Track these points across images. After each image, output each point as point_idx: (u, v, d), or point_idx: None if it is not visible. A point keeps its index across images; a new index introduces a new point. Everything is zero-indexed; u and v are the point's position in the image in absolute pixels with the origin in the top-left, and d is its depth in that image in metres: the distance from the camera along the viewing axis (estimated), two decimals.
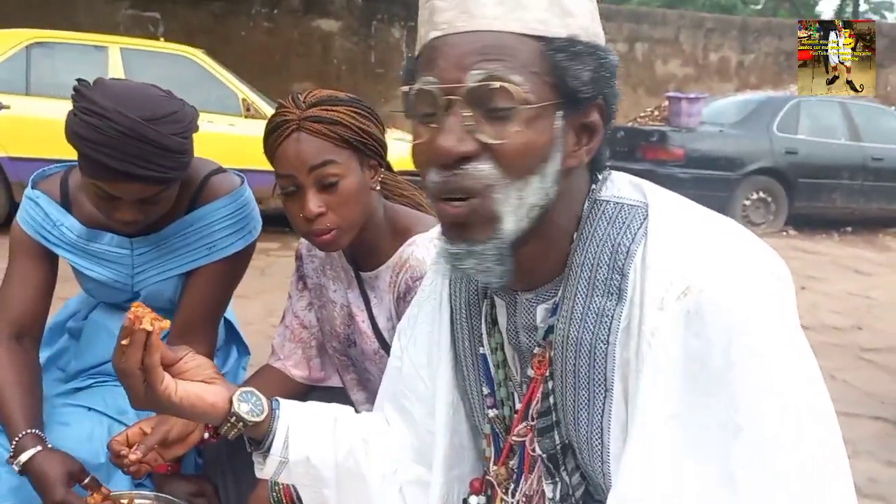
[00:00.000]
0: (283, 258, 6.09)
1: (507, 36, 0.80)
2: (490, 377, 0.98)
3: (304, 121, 1.29)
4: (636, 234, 0.84)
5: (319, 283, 1.55)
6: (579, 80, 0.81)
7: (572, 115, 0.83)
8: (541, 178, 0.81)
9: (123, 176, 1.31)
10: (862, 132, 8.91)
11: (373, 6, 11.26)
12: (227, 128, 6.25)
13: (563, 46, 0.80)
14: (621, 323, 0.83)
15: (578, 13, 0.82)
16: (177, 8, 9.93)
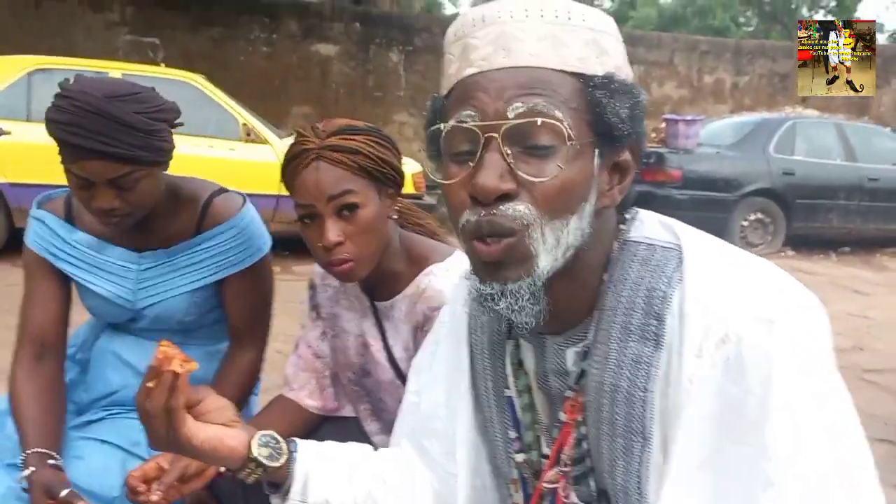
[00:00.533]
0: (285, 282, 6.05)
1: (547, 72, 0.80)
2: (517, 420, 0.96)
3: (324, 150, 1.29)
4: (671, 278, 0.83)
5: (333, 313, 1.55)
6: (618, 118, 0.80)
7: (608, 154, 0.83)
8: (579, 217, 0.81)
9: (88, 153, 1.34)
10: (857, 153, 8.96)
11: (371, 31, 11.35)
12: (227, 152, 6.28)
13: (602, 84, 0.80)
14: (660, 370, 0.81)
15: (614, 53, 0.83)
16: (176, 33, 10.00)
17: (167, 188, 1.54)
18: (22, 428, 1.43)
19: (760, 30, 27.55)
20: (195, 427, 0.93)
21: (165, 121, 1.44)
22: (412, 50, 11.56)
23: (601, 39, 0.82)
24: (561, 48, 0.80)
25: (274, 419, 1.53)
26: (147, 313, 1.58)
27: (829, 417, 0.76)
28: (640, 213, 0.91)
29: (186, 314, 1.59)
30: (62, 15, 9.97)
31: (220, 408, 0.97)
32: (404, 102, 11.53)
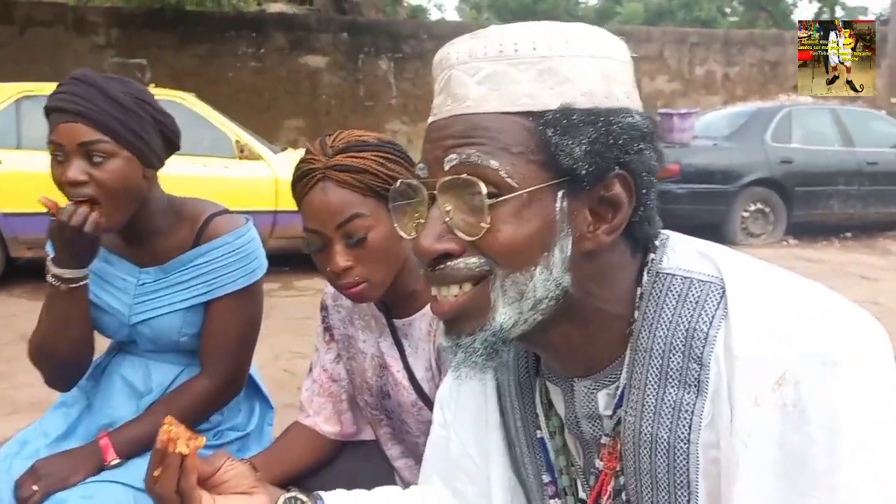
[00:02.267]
0: (285, 298, 6.04)
1: (488, 116, 0.72)
2: (550, 463, 0.90)
3: (330, 169, 1.23)
4: (713, 317, 0.75)
5: (347, 334, 1.48)
6: (571, 157, 0.71)
7: (581, 193, 0.73)
8: (544, 268, 0.73)
9: (65, 115, 1.38)
10: (854, 137, 8.93)
11: (359, 40, 11.32)
12: (221, 170, 6.21)
13: (554, 119, 0.72)
14: (703, 419, 0.74)
15: (579, 78, 0.73)
16: (162, 53, 9.96)
17: (170, 206, 1.56)
18: None
19: (746, 19, 27.59)
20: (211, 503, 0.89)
21: (155, 119, 1.46)
22: (401, 57, 11.53)
23: (559, 67, 0.73)
24: (506, 87, 0.73)
25: (291, 448, 1.48)
26: (142, 330, 1.56)
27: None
28: (671, 240, 0.82)
29: (180, 334, 1.56)
30: (48, 41, 9.93)
31: (237, 475, 0.92)
32: (396, 110, 11.50)
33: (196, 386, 1.56)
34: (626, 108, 0.74)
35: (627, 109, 0.74)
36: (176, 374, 1.60)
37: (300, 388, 3.99)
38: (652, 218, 0.78)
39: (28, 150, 6.00)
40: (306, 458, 1.49)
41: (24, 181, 5.88)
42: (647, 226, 0.78)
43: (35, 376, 4.17)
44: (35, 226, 5.97)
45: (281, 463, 1.45)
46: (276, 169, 6.49)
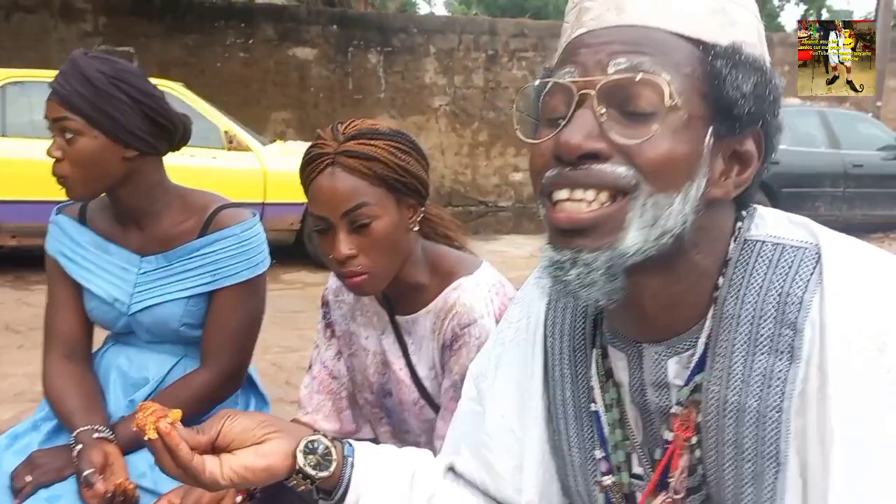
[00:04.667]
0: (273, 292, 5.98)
1: (661, 33, 0.71)
2: (603, 438, 0.86)
3: (340, 155, 1.23)
4: (808, 282, 0.72)
5: (349, 331, 1.47)
6: (739, 92, 0.71)
7: (725, 138, 0.73)
8: (683, 198, 0.71)
9: (49, 93, 1.44)
10: (841, 139, 9.01)
11: (348, 33, 11.25)
12: (209, 161, 6.16)
13: (725, 53, 0.71)
14: (797, 387, 0.71)
15: (743, 26, 0.75)
16: (150, 42, 9.85)
17: (176, 194, 1.57)
18: (64, 413, 1.48)
19: None
20: (217, 467, 0.85)
21: (135, 100, 1.44)
22: (391, 51, 11.47)
23: (731, 9, 0.73)
24: (681, 10, 0.72)
25: None
26: (141, 319, 1.55)
27: None
28: (762, 210, 0.81)
29: (180, 323, 1.55)
30: (34, 27, 9.79)
31: (244, 429, 0.88)
32: (385, 104, 11.45)
33: (196, 379, 1.55)
34: (771, 71, 0.75)
35: (773, 73, 0.75)
36: (172, 364, 1.59)
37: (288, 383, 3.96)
38: (754, 187, 0.78)
39: (13, 137, 5.93)
40: None
41: (9, 168, 5.81)
42: (754, 189, 0.78)
43: (19, 366, 4.13)
44: (20, 214, 5.91)
45: None
46: (264, 160, 6.46)
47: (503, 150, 11.91)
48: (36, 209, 5.79)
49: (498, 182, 11.88)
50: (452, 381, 1.27)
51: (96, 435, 1.40)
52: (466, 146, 11.77)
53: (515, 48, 11.96)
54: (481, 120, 11.82)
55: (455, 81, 11.77)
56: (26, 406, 3.36)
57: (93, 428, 1.41)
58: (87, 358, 1.63)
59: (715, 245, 0.77)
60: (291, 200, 6.46)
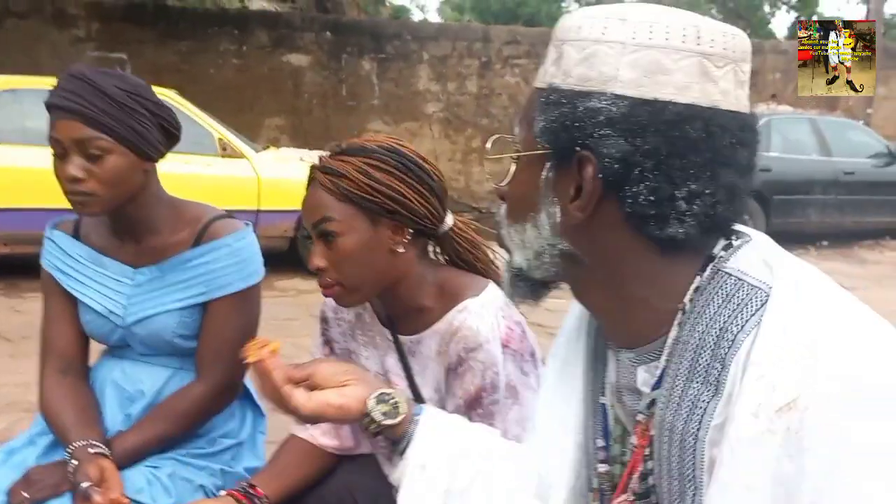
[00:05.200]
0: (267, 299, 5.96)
1: (533, 91, 0.84)
2: (607, 430, 0.91)
3: (317, 170, 1.29)
4: (747, 323, 0.74)
5: (348, 349, 1.46)
6: (534, 131, 0.80)
7: (567, 169, 0.78)
8: (533, 226, 0.83)
9: (62, 112, 1.40)
10: (832, 147, 9.06)
11: (342, 39, 11.26)
12: (203, 168, 6.14)
13: (540, 96, 0.81)
14: (714, 419, 0.74)
15: (570, 59, 0.79)
16: (143, 48, 9.83)
17: (171, 205, 1.57)
18: (60, 429, 1.47)
19: None
20: (304, 399, 1.01)
21: (152, 113, 1.47)
22: (384, 57, 11.48)
23: (566, 50, 0.80)
24: (544, 64, 0.83)
25: (289, 463, 1.46)
26: (136, 331, 1.55)
27: None
28: (750, 243, 0.81)
29: (175, 335, 1.54)
30: (26, 33, 9.76)
31: (333, 373, 1.03)
32: (378, 110, 11.45)
33: (192, 392, 1.54)
34: (603, 92, 0.75)
35: (603, 94, 0.75)
36: (167, 376, 1.58)
37: None
38: (660, 219, 0.76)
39: (5, 144, 5.89)
40: (305, 472, 1.46)
41: (2, 176, 5.78)
42: (653, 224, 0.76)
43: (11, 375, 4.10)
44: (12, 221, 5.88)
45: (282, 479, 1.43)
46: (258, 168, 6.44)
47: None
48: (28, 217, 5.76)
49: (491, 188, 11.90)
50: (456, 406, 1.26)
51: (92, 450, 1.39)
52: (460, 152, 11.79)
53: (508, 55, 11.99)
54: (474, 126, 11.84)
55: (448, 88, 11.79)
56: (18, 416, 3.33)
57: (88, 443, 1.40)
58: (83, 373, 1.62)
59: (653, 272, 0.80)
60: (285, 207, 6.44)
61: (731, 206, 0.78)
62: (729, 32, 0.78)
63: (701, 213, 0.76)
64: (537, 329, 1.41)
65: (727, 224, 0.80)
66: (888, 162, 9.26)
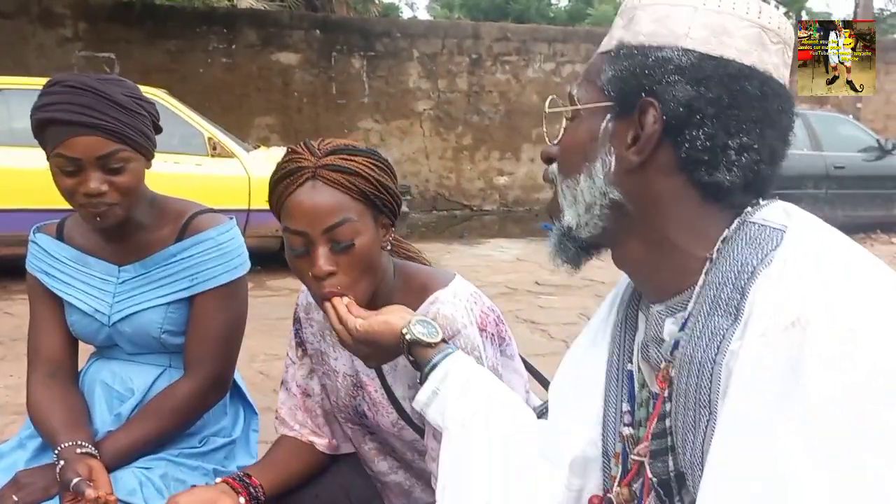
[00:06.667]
0: (258, 299, 5.93)
1: (597, 56, 0.90)
2: (633, 394, 0.95)
3: (321, 168, 1.18)
4: (766, 256, 0.80)
5: (319, 350, 1.43)
6: (601, 81, 0.86)
7: (626, 117, 0.85)
8: (587, 177, 0.87)
9: (78, 128, 1.37)
10: (822, 141, 9.08)
11: (332, 37, 11.22)
12: (193, 168, 6.10)
13: (609, 53, 0.88)
14: (732, 344, 0.78)
15: (641, 22, 0.86)
16: (132, 48, 9.78)
17: (155, 203, 1.57)
18: (48, 432, 1.46)
19: None
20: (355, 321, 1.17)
21: (148, 113, 1.48)
22: (374, 55, 11.45)
23: (634, 13, 0.87)
24: (612, 32, 0.89)
25: (282, 459, 1.44)
26: (123, 329, 1.54)
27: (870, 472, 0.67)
28: (775, 201, 0.87)
29: (161, 331, 1.54)
30: (12, 33, 9.69)
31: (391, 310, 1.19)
32: (368, 108, 11.43)
33: (180, 389, 1.52)
34: (674, 45, 0.83)
35: (673, 47, 0.83)
36: (156, 375, 1.57)
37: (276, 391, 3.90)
38: (711, 164, 0.82)
39: None
40: (298, 466, 1.44)
41: None
42: (704, 170, 0.83)
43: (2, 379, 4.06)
44: (1, 222, 5.83)
45: (276, 473, 1.41)
46: (249, 167, 6.41)
47: (487, 154, 11.92)
48: (16, 218, 5.70)
49: (483, 186, 11.89)
50: None
51: (79, 451, 1.38)
52: (451, 150, 11.77)
53: (499, 52, 11.98)
54: (465, 124, 11.83)
55: (439, 85, 11.78)
56: (8, 419, 3.30)
57: (76, 444, 1.39)
58: (71, 376, 1.60)
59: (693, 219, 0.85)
60: None
61: (771, 168, 0.85)
62: (783, 17, 0.86)
63: (747, 166, 0.83)
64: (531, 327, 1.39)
65: (764, 185, 0.86)
66: (878, 156, 9.30)
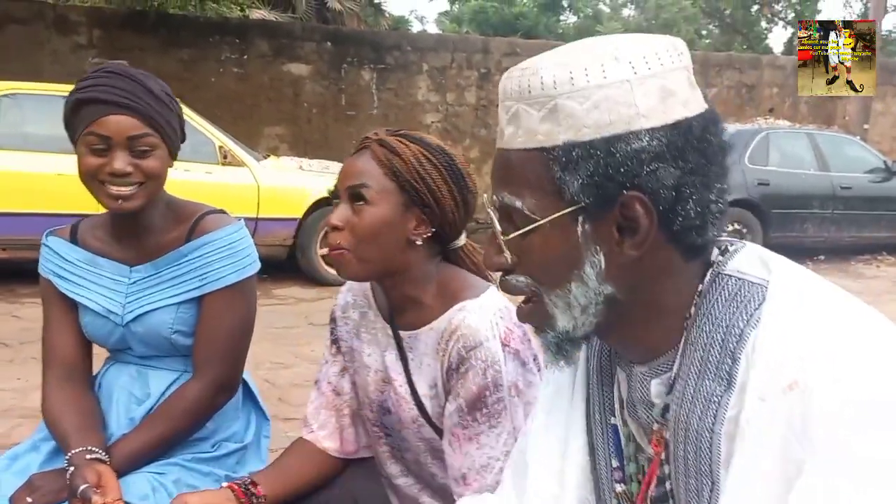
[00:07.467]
0: (265, 307, 5.96)
1: (515, 154, 0.81)
2: (620, 449, 0.93)
3: (376, 143, 1.30)
4: (752, 317, 0.78)
5: (352, 347, 1.47)
6: (571, 191, 0.77)
7: (603, 214, 0.78)
8: (579, 283, 0.81)
9: (113, 107, 1.43)
10: (829, 162, 9.09)
11: (342, 49, 11.30)
12: (203, 175, 6.14)
13: (557, 156, 0.78)
14: (729, 411, 0.77)
15: (583, 111, 0.77)
16: (145, 56, 9.84)
17: (170, 206, 1.60)
18: (60, 436, 1.47)
19: (722, 42, 28.01)
20: None
21: (178, 113, 1.54)
22: (384, 68, 11.52)
23: (565, 104, 0.77)
24: (526, 125, 0.80)
25: (293, 464, 1.47)
26: (135, 329, 1.56)
27: None
28: (745, 247, 0.85)
29: (172, 330, 1.55)
30: (27, 39, 9.77)
31: None
32: (377, 120, 11.48)
33: (189, 390, 1.54)
34: (635, 130, 0.76)
35: (636, 133, 0.76)
36: (172, 380, 1.59)
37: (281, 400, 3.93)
38: (701, 227, 0.79)
39: (7, 149, 5.89)
40: (308, 473, 1.47)
41: (2, 180, 5.78)
42: (695, 234, 0.80)
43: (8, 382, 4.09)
44: (11, 226, 5.87)
45: (284, 479, 1.43)
46: (258, 176, 6.45)
47: None
48: (27, 222, 5.75)
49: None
50: (458, 405, 1.27)
51: (89, 456, 1.39)
52: None
53: (507, 66, 11.86)
54: (473, 137, 11.87)
55: (447, 99, 11.83)
56: (16, 422, 3.32)
57: (86, 449, 1.40)
58: (86, 379, 1.61)
59: (668, 284, 0.83)
60: (284, 216, 6.46)
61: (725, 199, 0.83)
62: (675, 39, 0.82)
63: (722, 209, 0.81)
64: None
65: (723, 221, 0.83)
66: (885, 177, 9.30)
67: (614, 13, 32.13)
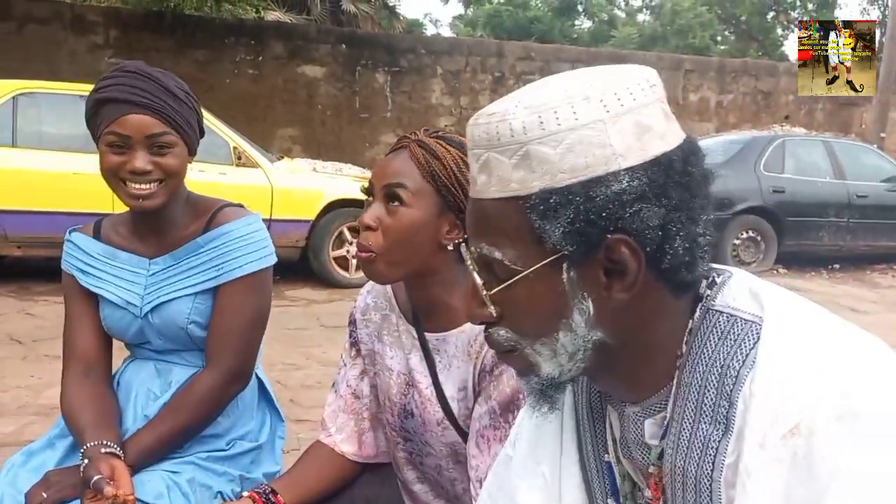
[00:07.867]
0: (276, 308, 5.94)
1: (489, 204, 0.77)
2: (616, 488, 0.91)
3: (415, 143, 1.28)
4: (747, 357, 0.75)
5: (373, 350, 1.46)
6: (552, 239, 0.73)
7: (588, 260, 0.74)
8: (567, 331, 0.77)
9: (133, 107, 1.45)
10: (846, 170, 9.02)
11: (357, 52, 11.33)
12: (218, 176, 6.16)
13: (534, 204, 0.73)
14: (727, 458, 0.74)
15: (557, 157, 0.73)
16: (161, 56, 9.91)
17: (189, 201, 1.62)
18: (77, 430, 1.48)
19: (738, 48, 27.92)
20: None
21: (196, 111, 1.56)
22: (398, 71, 11.55)
23: (538, 150, 0.73)
24: (498, 173, 0.76)
25: (310, 469, 1.46)
26: (153, 320, 1.57)
27: None
28: (733, 278, 0.82)
29: (188, 321, 1.56)
30: (45, 39, 9.87)
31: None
32: (391, 123, 11.50)
33: (202, 380, 1.54)
34: (613, 171, 0.72)
35: (614, 174, 0.72)
36: (190, 375, 1.58)
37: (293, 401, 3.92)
38: (691, 263, 0.76)
39: (23, 148, 5.94)
40: (326, 479, 1.46)
41: (17, 178, 5.82)
42: (685, 271, 0.76)
43: (22, 378, 4.10)
44: (26, 224, 5.91)
45: (303, 486, 1.42)
46: (272, 177, 6.47)
47: None
48: (42, 220, 5.80)
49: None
50: (489, 408, 1.25)
51: (104, 450, 1.40)
52: None
53: (522, 71, 12.04)
54: None
55: (461, 102, 11.84)
56: (28, 419, 3.33)
57: (101, 443, 1.40)
58: (105, 375, 1.62)
59: (659, 325, 0.79)
60: (297, 217, 6.47)
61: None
62: (648, 69, 0.78)
63: (710, 241, 0.78)
64: None
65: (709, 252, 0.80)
66: None
67: (629, 18, 32.07)
